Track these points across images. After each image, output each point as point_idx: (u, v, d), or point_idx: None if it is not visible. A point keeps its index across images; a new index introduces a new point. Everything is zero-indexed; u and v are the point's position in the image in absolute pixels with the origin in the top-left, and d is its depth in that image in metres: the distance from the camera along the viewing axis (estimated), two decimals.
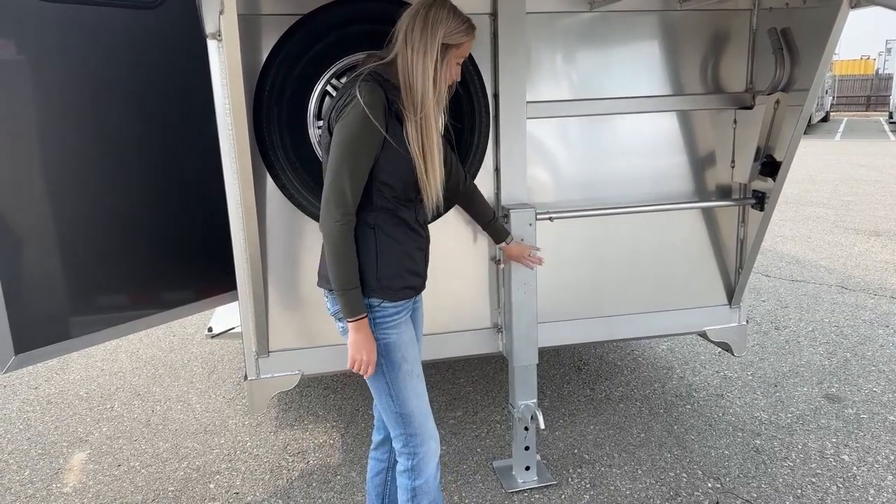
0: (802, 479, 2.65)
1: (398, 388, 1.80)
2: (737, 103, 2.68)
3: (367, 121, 1.62)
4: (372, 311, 1.76)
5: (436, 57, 1.66)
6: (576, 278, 2.74)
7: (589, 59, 2.58)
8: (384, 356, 1.78)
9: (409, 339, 1.83)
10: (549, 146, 2.61)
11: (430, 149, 1.71)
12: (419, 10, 1.67)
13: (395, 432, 1.84)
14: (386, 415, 1.85)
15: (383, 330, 1.77)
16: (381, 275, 1.75)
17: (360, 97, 1.61)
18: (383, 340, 1.77)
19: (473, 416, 3.26)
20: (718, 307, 2.90)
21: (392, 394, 1.80)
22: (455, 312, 2.65)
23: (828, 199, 8.69)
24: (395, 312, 1.79)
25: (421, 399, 1.84)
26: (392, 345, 1.78)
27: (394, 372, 1.79)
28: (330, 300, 1.82)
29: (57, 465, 2.95)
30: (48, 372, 3.95)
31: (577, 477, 2.72)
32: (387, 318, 1.78)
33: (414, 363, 1.83)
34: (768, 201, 2.60)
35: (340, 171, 1.64)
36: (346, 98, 1.65)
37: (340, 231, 1.66)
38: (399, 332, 1.80)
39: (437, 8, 1.67)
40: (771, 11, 2.56)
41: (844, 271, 5.49)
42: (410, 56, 1.66)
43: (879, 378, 3.52)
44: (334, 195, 1.65)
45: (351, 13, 2.21)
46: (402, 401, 1.80)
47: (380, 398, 1.84)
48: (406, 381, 1.80)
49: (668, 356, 3.91)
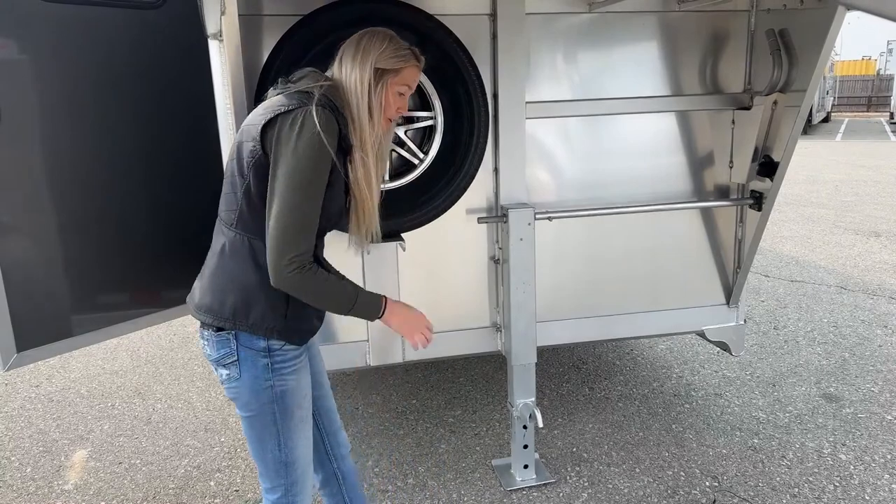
0: (799, 478, 2.67)
1: (288, 436, 1.64)
2: (735, 104, 2.69)
3: (325, 149, 1.46)
4: (271, 355, 1.57)
5: (369, 79, 1.56)
6: (574, 278, 2.75)
7: (588, 59, 2.59)
8: (278, 403, 1.60)
9: (307, 384, 1.69)
10: (548, 146, 2.63)
11: (368, 186, 1.60)
12: (355, 37, 1.62)
13: (274, 483, 1.67)
14: (266, 464, 1.66)
15: (282, 376, 1.60)
16: (290, 315, 1.57)
17: (319, 124, 1.44)
18: (280, 387, 1.60)
19: (472, 415, 3.28)
20: (716, 307, 2.91)
21: (280, 442, 1.64)
22: (454, 311, 2.67)
23: (828, 200, 8.70)
24: (295, 356, 1.63)
25: (308, 446, 1.71)
26: (289, 392, 1.62)
27: (286, 420, 1.62)
28: (211, 345, 1.58)
29: (58, 463, 2.96)
30: (49, 370, 3.97)
31: (576, 475, 2.73)
32: (287, 363, 1.61)
33: (308, 408, 1.70)
34: (766, 201, 2.62)
35: (300, 206, 1.46)
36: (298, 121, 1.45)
37: (306, 277, 1.48)
38: (298, 378, 1.64)
39: (372, 34, 1.61)
40: (769, 13, 2.58)
41: (844, 272, 5.50)
42: (345, 80, 1.57)
43: (877, 378, 3.54)
44: (293, 235, 1.45)
45: (351, 14, 2.23)
46: (290, 448, 1.65)
47: (263, 446, 1.64)
48: (297, 428, 1.65)
49: (667, 356, 3.92)
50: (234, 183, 1.53)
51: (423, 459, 2.89)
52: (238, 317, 1.54)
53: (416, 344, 1.66)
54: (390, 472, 2.80)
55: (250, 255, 1.53)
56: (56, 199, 2.32)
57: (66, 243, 2.37)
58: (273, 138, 1.46)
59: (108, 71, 2.38)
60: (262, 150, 1.48)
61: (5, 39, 2.16)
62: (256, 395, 1.58)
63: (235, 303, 1.54)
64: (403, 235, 2.42)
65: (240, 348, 1.56)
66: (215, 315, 1.55)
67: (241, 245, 1.54)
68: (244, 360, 1.56)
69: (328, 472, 1.91)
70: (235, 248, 1.55)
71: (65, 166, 2.33)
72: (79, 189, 2.37)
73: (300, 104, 1.47)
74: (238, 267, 1.54)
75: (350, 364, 2.62)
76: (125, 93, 2.44)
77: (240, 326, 1.54)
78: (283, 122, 1.46)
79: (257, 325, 1.54)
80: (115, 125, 2.42)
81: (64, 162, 2.32)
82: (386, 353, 2.63)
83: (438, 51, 2.31)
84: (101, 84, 2.38)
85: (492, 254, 2.65)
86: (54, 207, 2.32)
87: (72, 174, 2.35)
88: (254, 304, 1.54)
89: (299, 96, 1.50)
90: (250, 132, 1.50)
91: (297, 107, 1.47)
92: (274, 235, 1.45)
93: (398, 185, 2.41)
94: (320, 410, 1.85)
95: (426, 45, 2.30)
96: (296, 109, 1.46)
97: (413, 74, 1.66)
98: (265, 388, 1.58)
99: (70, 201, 2.36)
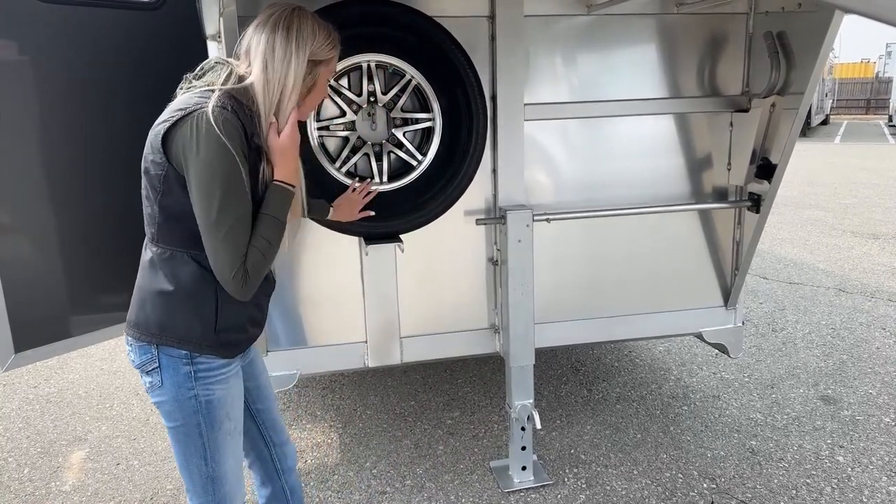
0: (797, 480, 2.67)
1: (215, 449, 1.54)
2: (733, 106, 2.70)
3: (235, 161, 1.35)
4: (193, 363, 1.48)
5: (303, 74, 1.45)
6: (573, 279, 2.76)
7: (586, 61, 2.60)
8: (203, 414, 1.51)
9: (237, 394, 1.59)
10: (546, 148, 2.63)
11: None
12: (278, 24, 1.43)
13: (202, 499, 1.58)
14: (192, 479, 1.57)
15: (207, 385, 1.50)
16: (221, 327, 1.49)
17: (220, 130, 1.33)
18: (205, 397, 1.50)
19: (471, 417, 3.28)
20: (714, 308, 2.92)
21: (207, 455, 1.54)
22: (453, 313, 2.67)
23: (827, 203, 8.71)
24: (223, 365, 1.53)
25: (237, 460, 1.62)
26: (216, 401, 1.52)
27: (213, 431, 1.53)
28: (134, 351, 1.51)
29: (56, 464, 2.96)
30: (47, 371, 3.97)
31: (574, 477, 2.73)
32: (213, 372, 1.51)
33: (237, 420, 1.60)
34: (764, 203, 2.62)
35: (225, 220, 1.36)
36: (196, 127, 1.34)
37: (248, 284, 1.42)
38: (227, 387, 1.54)
39: (301, 19, 1.45)
40: (767, 15, 2.58)
41: (842, 274, 5.51)
42: (268, 75, 1.43)
43: (875, 380, 3.54)
44: (230, 252, 1.38)
45: (350, 16, 2.23)
46: (217, 462, 1.55)
47: (188, 460, 1.55)
48: (226, 440, 1.56)
49: (665, 358, 3.92)
50: (149, 196, 1.45)
51: (421, 461, 2.89)
52: (165, 332, 1.46)
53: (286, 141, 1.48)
54: (388, 473, 2.80)
55: (174, 268, 1.45)
56: (55, 200, 2.33)
57: (65, 244, 2.37)
58: (178, 147, 1.36)
59: (107, 72, 2.39)
60: (168, 161, 1.38)
61: (4, 41, 2.16)
62: (180, 404, 1.49)
63: (160, 318, 1.46)
64: (402, 237, 2.42)
65: (161, 354, 1.47)
66: (142, 330, 1.48)
67: (166, 258, 1.46)
68: (166, 367, 1.48)
69: (277, 487, 1.83)
70: (160, 261, 1.46)
71: (63, 168, 2.33)
72: (77, 190, 2.38)
73: (196, 107, 1.36)
74: (163, 281, 1.46)
75: (348, 365, 2.62)
76: (124, 94, 2.44)
77: (167, 342, 1.46)
78: (182, 128, 1.35)
79: (185, 340, 1.47)
80: (113, 127, 2.43)
81: (62, 163, 2.33)
82: (384, 354, 2.63)
83: (437, 52, 2.32)
84: (100, 85, 2.38)
85: (490, 255, 2.65)
86: (53, 208, 2.33)
87: (70, 175, 2.36)
88: (180, 319, 1.46)
89: (201, 95, 1.40)
90: (153, 144, 1.40)
91: (194, 110, 1.35)
92: (211, 257, 1.40)
93: (397, 187, 2.42)
94: (266, 423, 1.78)
95: (425, 47, 2.32)
96: (192, 113, 1.35)
97: (336, 60, 1.56)
98: (189, 398, 1.49)
99: (68, 202, 2.36)
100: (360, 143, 2.41)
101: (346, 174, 2.37)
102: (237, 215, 1.38)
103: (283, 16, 1.44)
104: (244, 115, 1.41)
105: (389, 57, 2.31)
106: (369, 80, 2.35)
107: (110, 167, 2.43)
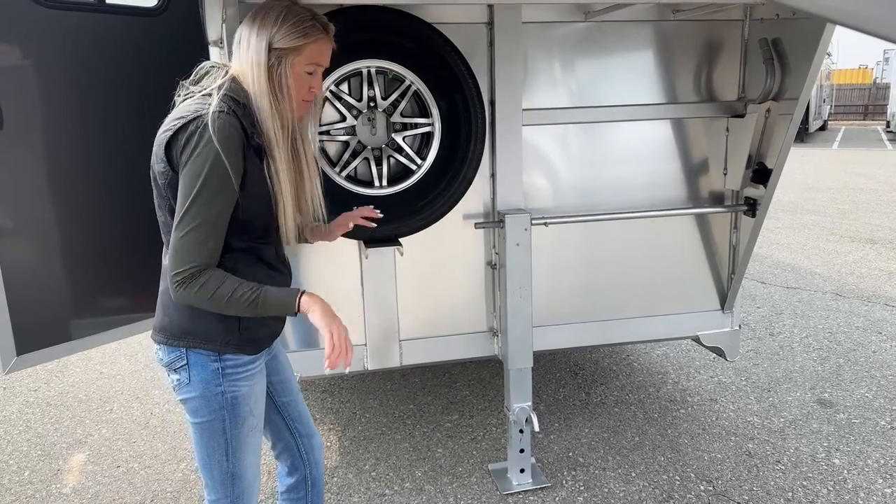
0: (794, 483, 2.68)
1: (237, 445, 1.57)
2: (729, 111, 2.73)
3: (222, 163, 1.36)
4: (222, 360, 1.51)
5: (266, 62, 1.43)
6: (571, 283, 2.78)
7: (584, 67, 2.62)
8: (229, 410, 1.54)
9: (261, 391, 1.62)
10: (544, 153, 2.66)
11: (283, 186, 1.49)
12: (250, 14, 1.47)
13: (219, 495, 1.60)
14: (212, 475, 1.59)
15: (234, 381, 1.53)
16: (244, 325, 1.51)
17: (214, 134, 1.35)
18: (232, 393, 1.53)
19: (469, 420, 3.29)
20: (711, 312, 2.94)
21: (229, 451, 1.57)
22: (451, 316, 2.69)
23: (824, 208, 8.74)
24: (249, 361, 1.56)
25: (256, 455, 1.64)
26: (242, 398, 1.55)
27: (237, 427, 1.56)
28: (162, 350, 1.54)
29: (56, 466, 2.97)
30: (48, 374, 3.98)
31: (572, 479, 2.75)
32: (240, 369, 1.54)
33: (259, 417, 1.63)
34: (760, 208, 2.65)
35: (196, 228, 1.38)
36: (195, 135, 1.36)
37: (188, 291, 1.40)
38: (252, 384, 1.57)
39: (266, 10, 1.46)
40: (762, 22, 2.62)
41: (839, 279, 5.53)
42: (244, 67, 1.45)
43: (871, 384, 3.56)
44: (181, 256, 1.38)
45: (352, 22, 2.26)
46: (237, 458, 1.58)
47: (210, 456, 1.57)
48: (247, 437, 1.59)
49: (663, 361, 3.94)
50: (160, 205, 1.48)
51: (420, 464, 2.91)
52: (190, 335, 1.50)
53: (333, 341, 1.46)
54: (387, 476, 2.82)
55: None
56: (57, 203, 2.35)
57: (67, 247, 2.39)
58: (178, 154, 1.38)
59: (109, 77, 2.41)
60: (172, 169, 1.40)
61: (7, 45, 2.18)
62: (206, 400, 1.52)
63: (183, 322, 1.50)
64: (401, 240, 2.44)
65: (189, 353, 1.51)
66: (167, 335, 1.52)
67: None
68: (194, 364, 1.51)
69: (300, 477, 1.86)
70: None
71: (66, 171, 2.35)
72: (79, 193, 2.40)
73: (195, 114, 1.38)
74: None
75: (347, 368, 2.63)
76: (126, 99, 2.46)
77: (193, 344, 1.50)
78: (182, 136, 1.37)
79: (211, 341, 1.50)
80: (115, 131, 2.45)
81: (65, 167, 2.35)
82: (383, 357, 2.65)
83: (437, 58, 2.34)
84: (103, 90, 2.41)
85: (489, 259, 2.67)
86: (55, 212, 2.35)
87: (73, 179, 2.38)
88: (203, 322, 1.49)
89: (199, 102, 1.41)
90: (157, 153, 1.42)
91: (194, 118, 1.37)
92: (169, 251, 1.41)
93: (396, 191, 2.44)
94: (292, 415, 1.82)
95: (425, 53, 2.34)
96: (192, 121, 1.37)
97: (321, 49, 1.50)
98: (216, 394, 1.52)
99: (70, 206, 2.38)
100: (360, 147, 2.43)
101: (346, 178, 2.40)
102: (203, 217, 1.38)
103: (261, 7, 1.47)
104: (243, 114, 1.43)
105: (389, 63, 2.34)
106: (369, 85, 2.38)
107: (112, 172, 2.45)
